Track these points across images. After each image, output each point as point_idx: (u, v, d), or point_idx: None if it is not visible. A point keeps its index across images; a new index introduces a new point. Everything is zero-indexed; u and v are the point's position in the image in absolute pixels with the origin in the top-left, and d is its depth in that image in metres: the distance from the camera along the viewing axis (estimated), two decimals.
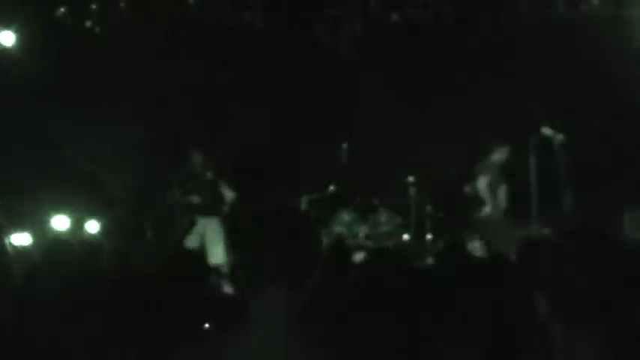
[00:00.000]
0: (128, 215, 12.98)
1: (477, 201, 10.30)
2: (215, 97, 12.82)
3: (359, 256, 11.19)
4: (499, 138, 10.64)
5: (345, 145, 12.32)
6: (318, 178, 12.09)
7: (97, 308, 4.31)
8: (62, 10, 11.75)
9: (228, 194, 11.69)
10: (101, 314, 3.48)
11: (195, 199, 11.55)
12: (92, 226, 12.37)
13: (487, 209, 10.22)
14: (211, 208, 11.58)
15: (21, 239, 10.89)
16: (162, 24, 12.40)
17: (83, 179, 12.99)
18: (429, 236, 11.48)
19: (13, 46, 11.70)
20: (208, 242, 11.26)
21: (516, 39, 11.98)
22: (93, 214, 12.46)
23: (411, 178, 11.77)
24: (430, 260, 10.27)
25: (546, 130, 9.91)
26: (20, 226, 11.09)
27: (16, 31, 11.55)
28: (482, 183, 10.28)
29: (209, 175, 11.59)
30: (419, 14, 12.08)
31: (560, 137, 9.77)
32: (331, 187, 11.95)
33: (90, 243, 10.99)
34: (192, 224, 11.48)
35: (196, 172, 11.68)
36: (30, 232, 11.20)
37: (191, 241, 11.38)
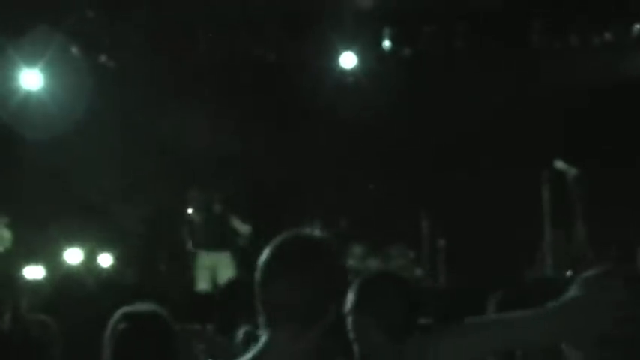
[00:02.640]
0: (141, 248, 13.00)
1: None
2: (227, 131, 12.87)
3: None
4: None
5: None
6: (330, 212, 12.10)
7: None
8: (74, 49, 11.85)
9: (242, 228, 11.66)
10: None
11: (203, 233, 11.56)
12: (105, 259, 12.39)
13: None
14: (220, 243, 11.55)
15: (34, 272, 10.95)
16: (174, 57, 12.47)
17: (96, 212, 13.04)
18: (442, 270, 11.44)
19: (39, 88, 11.91)
20: (219, 277, 11.23)
21: (529, 72, 12.02)
22: (106, 247, 12.49)
23: (423, 211, 11.75)
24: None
25: (559, 164, 9.92)
26: (34, 259, 11.15)
27: (41, 71, 11.71)
28: None
29: (217, 209, 11.55)
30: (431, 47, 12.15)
31: (573, 171, 9.77)
32: (343, 221, 11.95)
33: (103, 279, 11.13)
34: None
35: (199, 207, 11.66)
36: (43, 265, 11.25)
37: (202, 276, 11.35)
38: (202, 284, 11.35)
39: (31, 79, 11.87)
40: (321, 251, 2.51)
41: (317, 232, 11.75)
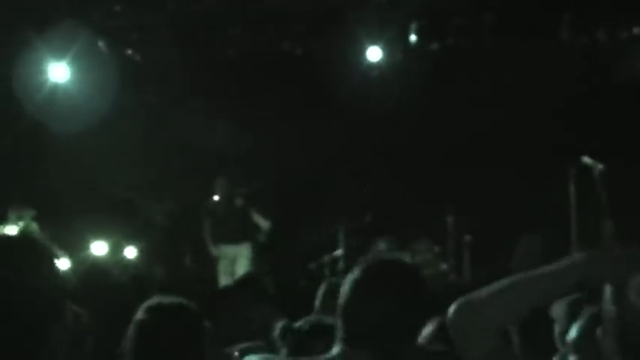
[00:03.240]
0: (166, 240, 13.08)
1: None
2: (253, 125, 12.90)
3: None
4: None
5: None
6: (355, 207, 12.10)
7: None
8: (101, 43, 11.91)
9: (263, 224, 11.72)
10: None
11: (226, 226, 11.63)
12: (130, 252, 12.48)
13: None
14: (242, 236, 11.62)
15: (60, 264, 11.03)
16: (200, 52, 12.50)
17: (121, 205, 13.12)
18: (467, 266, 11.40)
19: (66, 82, 11.99)
20: (238, 269, 11.32)
21: (554, 68, 11.95)
22: (131, 240, 12.58)
23: (449, 206, 11.72)
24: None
25: (586, 160, 9.86)
26: (60, 251, 11.22)
27: (68, 65, 11.78)
28: None
29: (238, 202, 11.64)
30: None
31: (600, 167, 9.71)
32: (369, 216, 11.94)
33: (129, 271, 11.19)
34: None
35: (222, 200, 11.73)
36: (69, 258, 11.33)
37: (223, 268, 11.45)
38: (223, 277, 11.43)
39: (58, 72, 11.95)
40: (408, 275, 2.57)
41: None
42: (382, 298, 2.52)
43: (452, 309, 2.24)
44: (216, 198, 11.79)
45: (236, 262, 11.53)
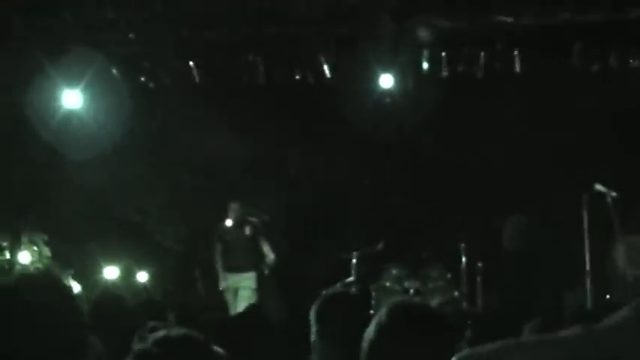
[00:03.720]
0: (177, 265, 13.08)
1: None
2: (265, 151, 12.94)
3: None
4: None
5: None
6: (368, 234, 12.09)
7: None
8: (114, 70, 11.98)
9: (269, 255, 11.59)
10: None
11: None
12: (142, 276, 12.49)
13: None
14: (247, 265, 11.52)
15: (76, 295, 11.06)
16: (213, 79, 12.55)
17: (133, 230, 13.16)
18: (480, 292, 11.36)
19: (79, 108, 12.05)
20: (240, 300, 11.17)
21: (566, 95, 11.96)
22: (143, 265, 12.59)
23: (461, 233, 11.69)
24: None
25: (599, 187, 9.84)
26: (72, 276, 11.26)
27: (81, 92, 11.85)
28: None
29: (247, 230, 11.56)
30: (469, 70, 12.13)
31: (613, 194, 9.69)
32: (381, 243, 11.92)
33: (141, 295, 11.17)
34: None
35: (233, 226, 11.65)
36: (80, 283, 11.36)
37: (228, 296, 11.34)
38: (231, 306, 11.32)
39: (71, 99, 12.01)
40: (433, 321, 2.60)
41: (353, 255, 11.72)
42: (407, 344, 2.54)
43: None
44: (228, 223, 11.73)
45: (238, 292, 11.40)
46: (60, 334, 2.02)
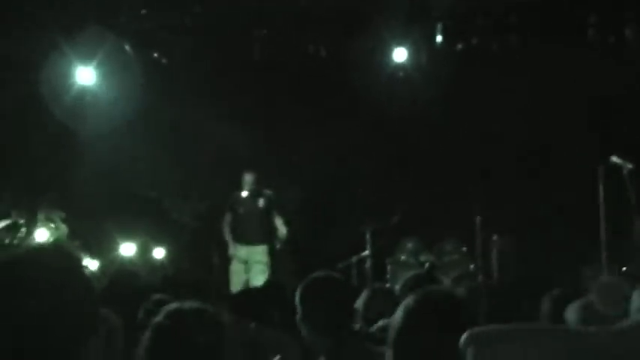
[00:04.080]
0: (194, 241, 13.11)
1: None
2: (279, 126, 12.93)
3: None
4: None
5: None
6: (383, 208, 12.08)
7: None
8: (127, 46, 11.98)
9: (282, 229, 11.46)
10: None
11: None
12: (159, 253, 12.54)
13: None
14: (259, 238, 11.41)
15: (89, 265, 11.13)
16: (227, 53, 12.54)
17: (149, 206, 13.19)
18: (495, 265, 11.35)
19: (93, 85, 12.07)
20: (253, 273, 11.10)
21: (581, 68, 11.88)
22: (159, 241, 12.64)
23: (476, 206, 11.66)
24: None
25: (615, 159, 9.79)
26: (89, 253, 11.32)
27: (95, 68, 11.86)
28: None
29: (260, 202, 11.42)
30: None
31: (629, 165, 9.64)
32: (396, 216, 11.90)
33: (157, 271, 11.22)
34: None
35: (247, 197, 11.49)
36: (98, 259, 11.43)
37: (235, 267, 11.22)
38: (235, 277, 11.19)
39: (85, 75, 12.03)
40: (459, 308, 2.63)
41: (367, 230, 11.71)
42: (433, 330, 2.58)
43: (466, 337, 2.28)
44: (244, 194, 11.55)
45: (251, 265, 11.29)
46: (69, 308, 2.01)
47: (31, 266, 2.03)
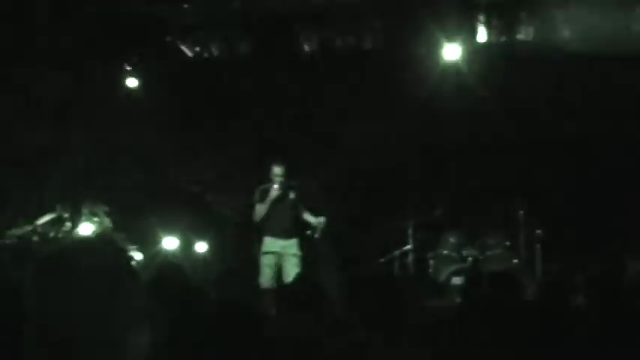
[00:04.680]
0: (236, 235, 13.15)
1: None
2: (326, 119, 12.94)
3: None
4: None
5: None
6: (425, 202, 12.07)
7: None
8: (169, 38, 12.09)
9: (314, 220, 11.17)
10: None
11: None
12: (201, 247, 12.61)
13: None
14: (291, 232, 11.19)
15: (135, 257, 11.26)
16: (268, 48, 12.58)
17: (191, 200, 13.28)
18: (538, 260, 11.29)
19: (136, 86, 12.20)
20: (288, 268, 10.83)
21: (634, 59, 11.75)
22: (202, 235, 12.71)
23: (520, 200, 11.59)
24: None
25: None
26: (133, 246, 11.44)
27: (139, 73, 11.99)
28: None
29: (291, 195, 11.14)
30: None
31: None
32: (438, 210, 11.88)
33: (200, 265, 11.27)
34: None
35: (278, 190, 11.20)
36: (141, 252, 11.54)
37: (267, 260, 10.98)
38: (267, 270, 10.89)
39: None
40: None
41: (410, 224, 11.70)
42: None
43: None
44: (274, 187, 11.20)
45: (285, 258, 11.08)
46: (118, 298, 2.05)
47: (81, 257, 2.07)
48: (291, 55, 12.69)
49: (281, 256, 10.89)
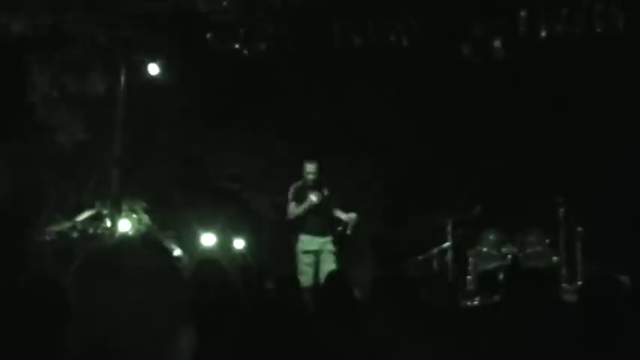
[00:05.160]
0: (274, 233, 13.18)
1: None
2: (363, 115, 12.94)
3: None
4: None
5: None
6: (464, 198, 12.02)
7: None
8: (209, 34, 12.14)
9: (346, 217, 11.05)
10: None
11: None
12: (239, 244, 12.67)
13: None
14: (327, 229, 11.23)
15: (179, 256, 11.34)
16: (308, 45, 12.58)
17: (229, 197, 13.33)
18: (579, 258, 11.20)
19: (158, 75, 12.19)
20: (324, 265, 10.79)
21: None
22: (239, 232, 12.76)
23: (560, 198, 11.50)
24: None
25: None
26: (171, 242, 11.51)
27: (162, 61, 12.01)
28: None
29: (325, 191, 11.11)
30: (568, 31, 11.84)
31: None
32: (477, 207, 11.81)
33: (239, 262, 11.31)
34: None
35: (313, 187, 11.12)
36: (181, 248, 11.62)
37: (307, 259, 10.97)
38: (308, 269, 10.87)
39: (159, 66, 12.19)
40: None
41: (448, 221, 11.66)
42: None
43: None
44: (308, 184, 11.11)
45: (324, 256, 11.03)
46: (164, 298, 2.06)
47: (127, 257, 2.09)
48: (329, 51, 12.68)
49: (319, 254, 10.93)
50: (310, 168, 11.06)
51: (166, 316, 2.07)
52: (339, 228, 11.09)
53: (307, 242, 11.03)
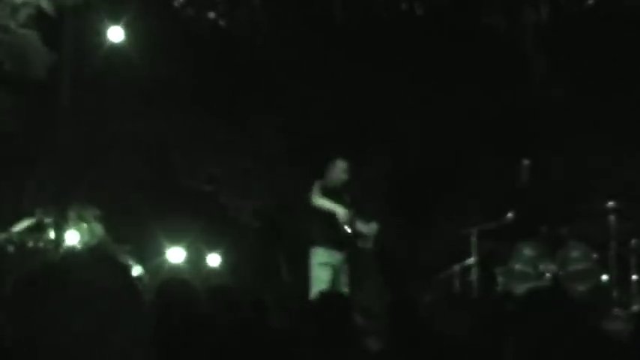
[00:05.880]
0: (256, 246, 13.22)
1: None
2: (368, 103, 13.00)
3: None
4: None
5: (526, 162, 12.29)
6: (492, 203, 12.10)
7: None
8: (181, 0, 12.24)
9: (366, 228, 11.29)
10: None
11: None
12: (213, 260, 12.71)
13: None
14: (338, 241, 11.30)
15: (137, 274, 11.39)
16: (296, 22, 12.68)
17: (202, 202, 13.36)
18: (634, 277, 11.29)
19: (122, 42, 12.20)
20: (338, 277, 11.06)
21: None
22: (215, 245, 12.80)
23: (611, 203, 11.59)
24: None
25: None
26: (129, 257, 11.55)
27: (126, 26, 12.06)
28: None
29: (346, 198, 11.22)
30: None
31: None
32: (509, 215, 11.90)
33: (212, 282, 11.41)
34: None
35: (340, 191, 11.39)
36: (142, 265, 11.66)
37: (325, 273, 11.10)
38: (321, 286, 11.04)
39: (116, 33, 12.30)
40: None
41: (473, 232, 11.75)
42: None
43: None
44: (337, 185, 11.20)
45: (339, 271, 11.18)
46: (116, 321, 2.09)
47: (72, 275, 2.13)
48: (325, 24, 12.79)
49: (336, 268, 11.16)
50: (342, 165, 11.30)
51: (121, 342, 2.10)
52: (359, 241, 11.29)
53: (325, 255, 11.25)
